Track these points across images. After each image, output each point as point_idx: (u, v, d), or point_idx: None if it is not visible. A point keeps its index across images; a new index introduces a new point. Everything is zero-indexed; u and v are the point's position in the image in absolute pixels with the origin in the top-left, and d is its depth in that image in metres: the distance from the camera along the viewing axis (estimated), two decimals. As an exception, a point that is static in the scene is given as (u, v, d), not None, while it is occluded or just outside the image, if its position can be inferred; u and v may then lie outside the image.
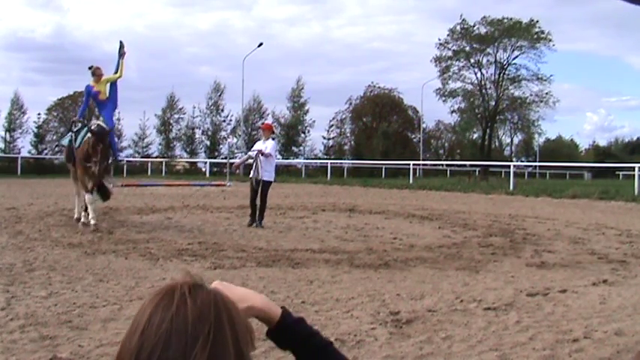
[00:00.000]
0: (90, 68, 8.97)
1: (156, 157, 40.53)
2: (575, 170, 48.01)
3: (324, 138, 48.35)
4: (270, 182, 10.02)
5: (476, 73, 45.01)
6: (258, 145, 10.09)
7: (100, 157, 8.32)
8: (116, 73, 9.11)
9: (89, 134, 8.45)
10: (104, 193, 9.07)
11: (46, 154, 39.76)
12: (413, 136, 51.42)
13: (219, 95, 43.80)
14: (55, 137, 41.73)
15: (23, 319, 3.87)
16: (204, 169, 38.33)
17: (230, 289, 1.03)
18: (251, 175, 10.09)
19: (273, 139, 10.56)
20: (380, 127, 47.21)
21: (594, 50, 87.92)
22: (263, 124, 11.22)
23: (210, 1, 79.57)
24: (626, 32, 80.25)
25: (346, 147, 49.66)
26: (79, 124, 8.99)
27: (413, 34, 78.42)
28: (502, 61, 44.51)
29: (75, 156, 8.82)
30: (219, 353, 0.79)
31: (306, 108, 46.02)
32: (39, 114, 40.03)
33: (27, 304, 4.27)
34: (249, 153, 10.69)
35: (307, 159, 42.89)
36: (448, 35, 44.70)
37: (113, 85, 9.08)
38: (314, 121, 46.87)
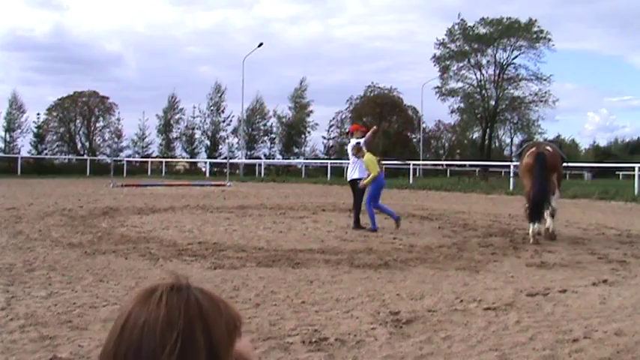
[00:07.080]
0: None
1: (156, 157, 40.55)
2: (575, 170, 47.94)
3: (325, 138, 48.33)
4: (353, 180, 9.96)
5: (475, 74, 45.08)
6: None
7: None
8: None
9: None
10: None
11: (51, 155, 39.72)
12: (413, 136, 51.41)
13: (220, 96, 43.83)
14: (54, 137, 41.81)
15: (23, 319, 3.87)
16: (204, 169, 38.35)
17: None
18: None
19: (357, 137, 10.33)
20: (380, 127, 47.19)
21: (597, 50, 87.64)
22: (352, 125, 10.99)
23: (210, 0, 79.59)
24: (630, 32, 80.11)
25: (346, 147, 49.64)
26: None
27: (415, 34, 78.18)
28: (502, 61, 44.57)
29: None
30: None
31: (310, 109, 46.12)
32: (38, 114, 40.19)
33: (27, 304, 4.28)
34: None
35: (307, 159, 42.87)
36: (446, 35, 44.77)
37: None
38: (316, 124, 46.95)
